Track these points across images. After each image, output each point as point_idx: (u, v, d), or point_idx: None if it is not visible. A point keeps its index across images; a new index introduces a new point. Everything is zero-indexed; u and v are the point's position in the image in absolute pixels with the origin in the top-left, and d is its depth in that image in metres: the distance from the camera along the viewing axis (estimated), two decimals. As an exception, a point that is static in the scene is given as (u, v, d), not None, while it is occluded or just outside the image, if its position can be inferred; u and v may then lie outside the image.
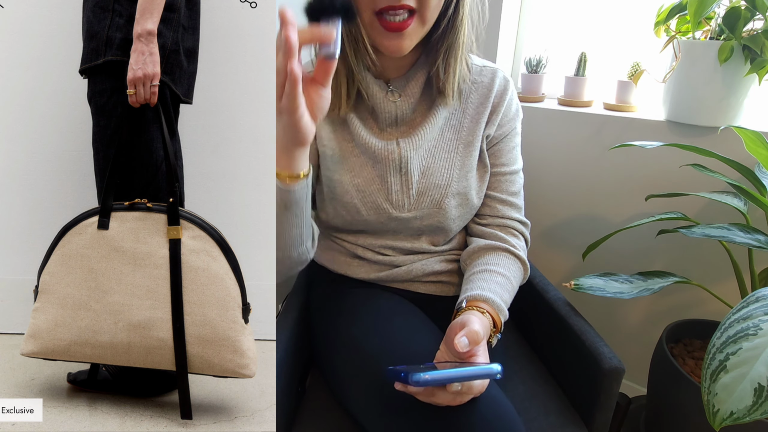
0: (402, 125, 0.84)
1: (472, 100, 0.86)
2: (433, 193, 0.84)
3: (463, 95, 0.85)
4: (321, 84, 0.58)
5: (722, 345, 0.67)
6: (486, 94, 0.86)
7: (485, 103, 0.86)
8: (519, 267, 0.86)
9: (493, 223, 0.89)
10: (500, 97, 0.86)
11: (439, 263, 0.89)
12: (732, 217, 1.10)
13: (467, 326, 0.64)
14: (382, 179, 0.82)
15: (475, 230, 0.91)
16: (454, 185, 0.84)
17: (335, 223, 0.88)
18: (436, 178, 0.84)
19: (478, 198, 0.87)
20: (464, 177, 0.85)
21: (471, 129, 0.86)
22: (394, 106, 0.82)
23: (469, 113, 0.86)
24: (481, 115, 0.86)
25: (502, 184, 0.89)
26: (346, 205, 0.84)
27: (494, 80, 0.86)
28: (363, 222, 0.85)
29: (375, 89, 0.80)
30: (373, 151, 0.81)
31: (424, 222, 0.86)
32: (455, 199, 0.85)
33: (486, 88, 0.86)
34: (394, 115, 0.83)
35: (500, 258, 0.84)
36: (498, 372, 0.57)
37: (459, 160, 0.85)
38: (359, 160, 0.83)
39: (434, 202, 0.84)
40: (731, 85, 1.07)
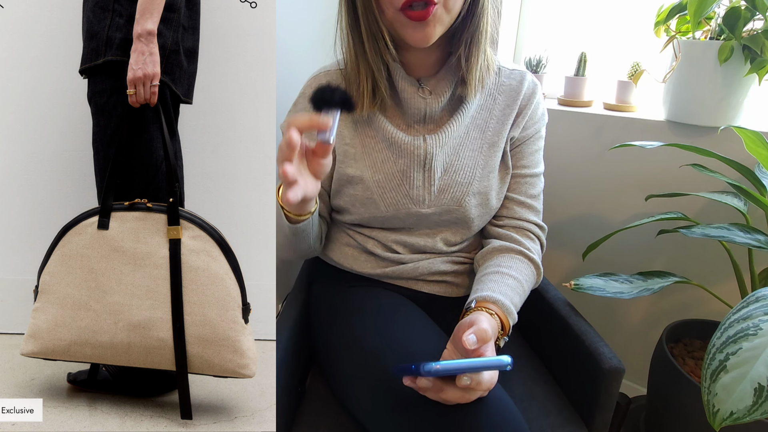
0: (429, 123, 0.84)
1: (500, 101, 0.87)
2: (454, 190, 0.84)
3: (491, 96, 0.86)
4: (321, 157, 0.63)
5: (722, 345, 0.67)
6: (514, 97, 0.87)
7: (512, 105, 0.86)
8: (532, 271, 0.85)
9: (510, 224, 0.89)
10: (528, 100, 0.87)
11: (445, 263, 0.89)
12: (732, 217, 1.10)
13: (476, 324, 0.64)
14: (404, 174, 0.83)
15: (491, 231, 0.90)
16: (475, 184, 0.84)
17: (353, 219, 0.88)
18: (458, 175, 0.84)
19: (497, 199, 0.88)
20: (486, 177, 0.85)
21: (496, 130, 0.86)
22: (424, 102, 0.82)
23: (496, 114, 0.86)
24: (507, 116, 0.86)
25: (522, 186, 0.89)
26: (365, 202, 0.84)
27: (522, 83, 0.87)
28: (381, 218, 0.85)
29: (406, 84, 0.81)
30: (399, 145, 0.82)
31: (442, 218, 0.86)
32: (476, 198, 0.85)
33: (514, 91, 0.87)
34: (423, 112, 0.83)
35: (513, 260, 0.84)
36: (508, 363, 0.57)
37: (483, 159, 0.85)
38: (382, 155, 0.83)
39: (455, 199, 0.84)
40: (731, 85, 1.07)
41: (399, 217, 0.85)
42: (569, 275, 1.43)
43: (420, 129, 0.84)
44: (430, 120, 0.84)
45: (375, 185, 0.83)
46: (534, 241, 0.89)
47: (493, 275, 0.80)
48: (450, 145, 0.84)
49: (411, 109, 0.83)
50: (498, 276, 0.80)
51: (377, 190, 0.83)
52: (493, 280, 0.79)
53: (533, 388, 0.87)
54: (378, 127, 0.83)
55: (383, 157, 0.83)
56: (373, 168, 0.83)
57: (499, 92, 0.87)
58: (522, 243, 0.86)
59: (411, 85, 0.81)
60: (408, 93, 0.81)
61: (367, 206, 0.84)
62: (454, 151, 0.84)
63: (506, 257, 0.84)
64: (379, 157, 0.84)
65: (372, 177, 0.83)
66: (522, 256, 0.85)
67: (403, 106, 0.83)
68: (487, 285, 0.78)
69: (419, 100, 0.82)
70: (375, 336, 0.76)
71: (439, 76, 0.82)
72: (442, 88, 0.82)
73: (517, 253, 0.85)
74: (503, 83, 0.87)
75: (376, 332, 0.77)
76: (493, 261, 0.85)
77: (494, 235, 0.89)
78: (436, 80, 0.82)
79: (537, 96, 0.88)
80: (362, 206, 0.85)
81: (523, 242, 0.86)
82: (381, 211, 0.84)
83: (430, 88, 0.82)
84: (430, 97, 0.82)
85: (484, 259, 0.87)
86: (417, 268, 0.88)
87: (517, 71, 0.88)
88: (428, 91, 0.82)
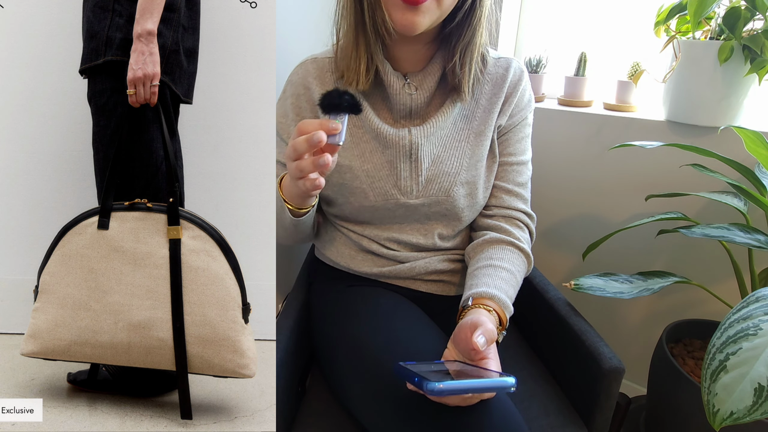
0: (416, 118, 0.85)
1: (485, 91, 0.87)
2: (442, 180, 0.84)
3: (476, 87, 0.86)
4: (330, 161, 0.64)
5: (722, 345, 0.67)
6: (500, 85, 0.87)
7: (498, 93, 0.87)
8: (523, 260, 0.85)
9: (499, 213, 0.89)
10: (514, 87, 0.87)
11: (441, 262, 0.89)
12: (732, 217, 1.10)
13: (482, 325, 0.65)
14: (392, 165, 0.83)
15: (481, 222, 0.91)
16: (463, 174, 0.85)
17: (343, 211, 0.88)
18: (445, 166, 0.84)
19: (485, 189, 0.88)
20: (474, 166, 0.86)
21: (483, 119, 0.86)
22: (410, 98, 0.83)
23: (482, 104, 0.87)
24: (493, 105, 0.87)
25: (510, 174, 0.89)
26: (354, 191, 0.85)
27: (508, 71, 0.87)
28: (370, 209, 0.85)
29: (393, 79, 0.81)
30: (384, 137, 0.82)
31: (432, 209, 0.86)
32: (464, 188, 0.85)
33: (500, 79, 0.87)
34: (409, 107, 0.84)
35: (504, 252, 0.84)
36: (512, 385, 0.57)
37: (469, 149, 0.86)
38: (369, 146, 0.84)
39: (443, 190, 0.84)
40: (731, 85, 1.07)
41: (388, 208, 0.85)
42: (569, 275, 1.43)
43: (405, 123, 0.85)
44: (416, 115, 0.85)
45: (364, 174, 0.84)
46: (523, 230, 0.89)
47: (485, 269, 0.80)
48: (437, 136, 0.84)
49: (397, 104, 0.83)
50: (491, 269, 0.80)
51: (366, 179, 0.84)
52: (487, 274, 0.79)
53: (533, 388, 0.87)
54: (365, 119, 0.83)
55: (371, 147, 0.84)
56: (361, 158, 0.84)
57: (485, 81, 0.87)
58: (512, 233, 0.86)
59: (398, 80, 0.82)
60: (394, 89, 0.82)
61: (356, 195, 0.85)
62: (440, 142, 0.85)
63: (497, 249, 0.84)
64: (368, 147, 0.84)
65: (361, 166, 0.84)
66: (512, 247, 0.85)
67: (390, 102, 0.84)
68: (481, 280, 0.78)
69: (405, 96, 0.82)
70: (375, 336, 0.76)
71: (425, 71, 0.82)
72: (428, 83, 0.82)
73: (508, 244, 0.85)
74: (489, 72, 0.87)
75: (376, 332, 0.77)
76: (484, 254, 0.85)
77: (484, 225, 0.90)
78: (422, 75, 0.82)
79: (523, 82, 0.88)
80: (351, 195, 0.85)
81: (512, 232, 0.87)
82: (370, 200, 0.84)
83: (416, 83, 0.83)
84: (415, 93, 0.83)
85: (475, 252, 0.87)
86: (414, 268, 0.88)
87: (503, 59, 0.88)
88: (414, 87, 0.83)
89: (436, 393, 0.54)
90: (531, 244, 0.89)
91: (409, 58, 0.83)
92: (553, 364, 0.93)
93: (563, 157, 1.35)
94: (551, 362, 0.93)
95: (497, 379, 0.59)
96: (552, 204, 1.39)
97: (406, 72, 0.83)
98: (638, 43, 1.31)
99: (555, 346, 0.92)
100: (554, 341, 0.92)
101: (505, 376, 0.58)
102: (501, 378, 0.58)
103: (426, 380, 0.55)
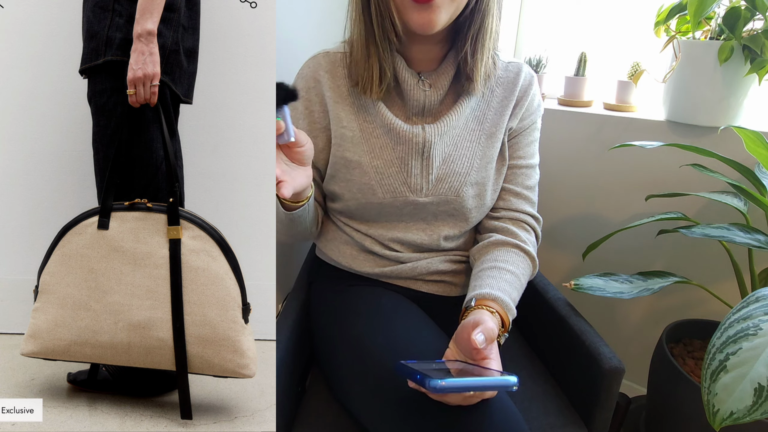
0: (428, 115, 0.85)
1: (497, 93, 0.87)
2: (452, 180, 0.84)
3: (489, 89, 0.87)
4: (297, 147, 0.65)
5: (722, 345, 0.67)
6: (511, 89, 0.87)
7: (510, 96, 0.87)
8: (528, 264, 0.85)
9: (506, 216, 0.90)
10: (524, 91, 0.88)
11: (443, 263, 0.89)
12: (732, 217, 1.10)
13: (482, 324, 0.65)
14: (403, 161, 0.83)
15: (487, 223, 0.91)
16: (473, 174, 0.85)
17: (348, 208, 0.88)
18: (456, 165, 0.84)
19: (493, 190, 0.88)
20: (484, 167, 0.86)
21: (494, 121, 0.87)
22: (424, 95, 0.83)
23: (494, 106, 0.87)
24: (505, 108, 0.87)
25: (518, 177, 0.90)
26: (362, 188, 0.84)
27: (519, 75, 0.88)
28: (377, 206, 0.85)
29: (407, 76, 0.82)
30: (398, 132, 0.82)
31: (440, 208, 0.86)
32: (473, 189, 0.85)
33: (511, 83, 0.88)
34: (422, 104, 0.84)
35: (509, 254, 0.84)
36: (514, 384, 0.57)
37: (480, 150, 0.86)
38: (380, 141, 0.84)
39: (452, 189, 0.84)
40: (731, 85, 1.07)
41: (396, 205, 0.85)
42: (569, 275, 1.43)
43: (418, 120, 0.85)
44: (428, 113, 0.85)
45: (373, 171, 0.83)
46: (529, 233, 0.89)
47: (490, 270, 0.81)
48: (449, 135, 0.84)
49: (411, 100, 0.83)
50: (496, 271, 0.80)
51: (375, 175, 0.83)
52: (491, 276, 0.79)
53: (533, 388, 0.87)
54: (377, 114, 0.83)
55: (382, 143, 0.84)
56: (371, 153, 0.84)
57: (496, 84, 0.88)
58: (518, 235, 0.87)
59: (412, 77, 0.82)
60: (409, 84, 0.82)
61: (363, 192, 0.84)
62: (452, 141, 0.85)
63: (502, 251, 0.85)
64: (378, 143, 0.84)
65: (370, 162, 0.83)
66: (518, 249, 0.85)
67: (404, 97, 0.84)
68: (485, 281, 0.78)
69: (420, 92, 0.82)
70: (375, 335, 0.76)
71: (439, 71, 0.83)
72: (442, 82, 0.83)
73: (513, 246, 0.85)
74: (500, 75, 0.88)
75: (376, 332, 0.77)
76: (489, 255, 0.85)
77: (490, 227, 0.90)
78: (436, 75, 0.83)
79: (533, 87, 0.89)
80: (359, 192, 0.85)
81: (518, 234, 0.87)
82: (378, 197, 0.84)
83: (430, 81, 0.83)
84: (429, 90, 0.83)
85: (480, 253, 0.87)
86: (416, 268, 0.88)
87: (513, 63, 0.89)
88: (428, 84, 0.83)
89: (438, 390, 0.54)
90: (537, 248, 0.89)
91: (422, 59, 0.83)
92: (553, 364, 0.93)
93: (563, 157, 1.35)
94: (551, 362, 0.93)
95: (499, 378, 0.59)
96: (552, 204, 1.39)
97: (420, 71, 0.84)
98: (638, 43, 1.31)
99: (555, 346, 0.92)
100: (554, 341, 0.92)
101: (507, 375, 0.58)
102: (503, 377, 0.58)
103: (428, 377, 0.55)
